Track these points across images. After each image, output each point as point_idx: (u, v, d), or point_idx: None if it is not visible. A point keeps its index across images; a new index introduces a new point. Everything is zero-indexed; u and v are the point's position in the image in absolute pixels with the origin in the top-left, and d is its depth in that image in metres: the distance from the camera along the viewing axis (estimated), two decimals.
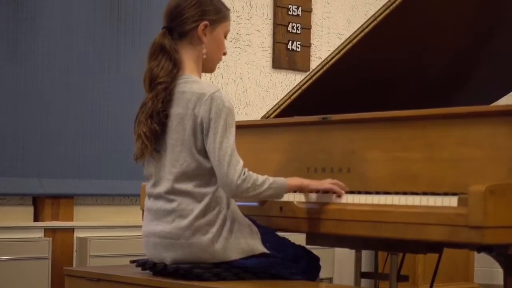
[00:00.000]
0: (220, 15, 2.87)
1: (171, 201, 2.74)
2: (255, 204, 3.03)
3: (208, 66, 2.90)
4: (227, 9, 2.92)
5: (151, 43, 2.85)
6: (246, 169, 2.70)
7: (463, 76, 3.69)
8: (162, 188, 2.77)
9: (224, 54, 2.94)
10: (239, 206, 2.88)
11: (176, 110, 2.75)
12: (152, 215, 2.80)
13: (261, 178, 2.73)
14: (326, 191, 2.85)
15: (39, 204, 4.76)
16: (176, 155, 2.74)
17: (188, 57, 2.83)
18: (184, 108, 2.74)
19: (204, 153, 2.72)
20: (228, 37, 2.92)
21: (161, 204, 2.77)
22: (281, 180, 2.79)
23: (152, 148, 2.77)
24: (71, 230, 4.82)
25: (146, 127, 2.76)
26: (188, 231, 2.70)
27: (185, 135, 2.73)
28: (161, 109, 2.75)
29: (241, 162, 2.69)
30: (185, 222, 2.71)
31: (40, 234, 4.69)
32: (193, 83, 2.77)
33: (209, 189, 2.73)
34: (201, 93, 2.73)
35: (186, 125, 2.73)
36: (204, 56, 2.85)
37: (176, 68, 2.79)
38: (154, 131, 2.75)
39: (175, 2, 2.86)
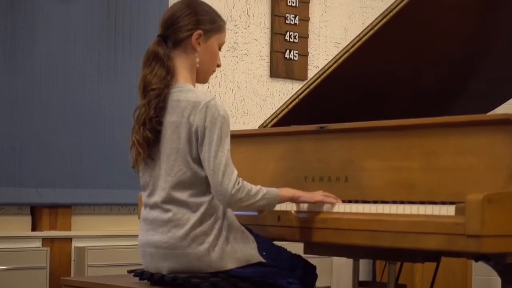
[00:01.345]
0: (215, 26, 2.88)
1: (167, 211, 2.74)
2: (254, 213, 3.03)
3: (201, 76, 2.90)
4: (223, 21, 2.93)
5: (145, 51, 2.86)
6: (241, 179, 2.70)
7: (460, 85, 3.69)
8: (158, 197, 2.77)
9: (218, 66, 2.94)
10: (237, 215, 2.88)
11: (171, 119, 2.75)
12: (148, 225, 2.80)
13: (254, 188, 2.73)
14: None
15: (37, 213, 4.76)
16: (171, 164, 2.74)
17: (181, 66, 2.84)
18: (179, 116, 2.74)
19: (199, 161, 2.72)
20: (225, 46, 2.93)
21: (157, 214, 2.77)
22: (274, 190, 2.79)
23: (145, 155, 2.77)
24: (69, 239, 4.81)
25: (139, 135, 2.76)
26: (184, 241, 2.70)
27: (180, 144, 2.73)
28: (153, 116, 2.75)
29: (236, 172, 2.70)
30: (181, 232, 2.70)
31: (38, 244, 4.68)
32: (187, 92, 2.77)
33: (205, 199, 2.73)
34: (196, 101, 2.73)
35: (181, 134, 2.73)
36: (198, 65, 2.85)
37: (169, 75, 2.79)
38: (147, 138, 2.76)
39: (171, 11, 2.88)
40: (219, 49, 2.92)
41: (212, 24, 2.87)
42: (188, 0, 2.90)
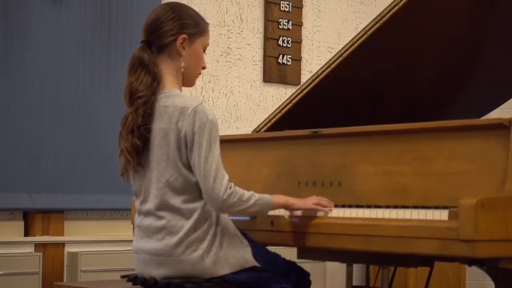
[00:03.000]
0: (198, 29, 2.86)
1: (160, 218, 2.73)
2: (246, 218, 3.03)
3: (187, 80, 2.89)
4: (206, 24, 2.91)
5: (130, 57, 2.86)
6: (232, 184, 2.69)
7: (453, 90, 3.69)
8: (151, 205, 2.76)
9: (203, 68, 2.93)
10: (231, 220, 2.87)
11: (159, 125, 2.74)
12: (142, 232, 2.79)
13: (247, 194, 2.72)
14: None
15: (30, 219, 4.74)
16: (162, 171, 2.73)
17: (167, 71, 2.82)
18: (167, 122, 2.73)
19: (190, 167, 2.71)
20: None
21: (150, 221, 2.76)
22: (267, 197, 2.78)
23: (134, 163, 2.76)
24: (62, 245, 4.80)
25: (128, 142, 2.75)
26: (178, 248, 2.69)
27: (170, 150, 2.72)
28: (141, 123, 2.74)
29: (227, 177, 2.69)
30: (175, 239, 2.69)
31: (31, 249, 4.67)
32: (175, 97, 2.76)
33: (198, 204, 2.72)
34: (184, 106, 2.72)
35: (170, 140, 2.72)
36: (183, 69, 2.85)
37: (155, 81, 2.78)
38: (136, 146, 2.74)
39: (153, 16, 2.86)
40: (204, 51, 2.91)
41: (196, 28, 2.86)
42: (171, 4, 2.89)
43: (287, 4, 5.91)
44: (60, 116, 4.79)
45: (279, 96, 5.87)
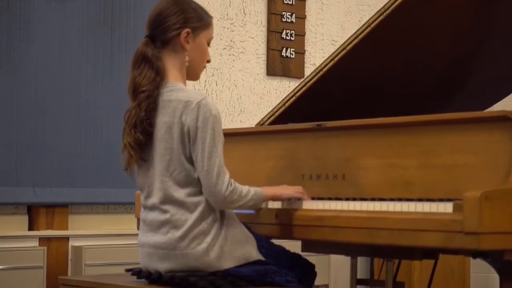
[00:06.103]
0: (202, 23, 2.86)
1: (165, 212, 2.73)
2: (251, 211, 3.02)
3: (191, 74, 2.89)
4: (210, 17, 2.91)
5: (134, 52, 2.85)
6: (232, 180, 2.70)
7: (457, 82, 3.69)
8: (155, 199, 2.76)
9: (208, 61, 2.93)
10: (235, 214, 2.87)
11: (163, 119, 2.74)
12: (147, 226, 2.80)
13: (245, 189, 2.73)
14: (298, 199, 2.91)
15: (34, 213, 4.75)
16: (166, 164, 2.73)
17: (171, 65, 2.82)
18: (171, 116, 2.73)
19: (192, 161, 2.71)
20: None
21: (155, 215, 2.76)
22: (259, 191, 2.79)
23: (137, 157, 2.76)
24: (66, 239, 4.81)
25: (131, 137, 2.75)
26: (183, 242, 2.69)
27: (173, 144, 2.72)
28: (144, 118, 2.73)
29: (228, 173, 2.69)
30: (179, 232, 2.69)
31: (35, 243, 4.68)
32: (179, 91, 2.76)
33: (202, 198, 2.71)
34: (187, 101, 2.71)
35: (174, 134, 2.72)
36: (187, 63, 2.84)
37: (159, 76, 2.77)
38: (139, 141, 2.74)
39: (157, 10, 2.85)
40: (208, 45, 2.90)
41: (200, 21, 2.85)
42: None
43: None
44: (64, 110, 4.80)
45: (282, 89, 5.87)
